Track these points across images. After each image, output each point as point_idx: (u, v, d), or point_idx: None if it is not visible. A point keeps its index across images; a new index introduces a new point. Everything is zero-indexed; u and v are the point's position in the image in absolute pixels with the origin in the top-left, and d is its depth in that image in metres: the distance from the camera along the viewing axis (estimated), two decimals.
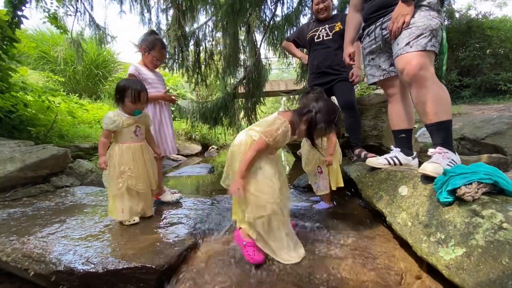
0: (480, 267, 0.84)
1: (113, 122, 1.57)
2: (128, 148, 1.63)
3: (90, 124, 4.70)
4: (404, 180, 1.40)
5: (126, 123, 1.62)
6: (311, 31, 2.61)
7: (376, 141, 2.61)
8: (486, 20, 7.63)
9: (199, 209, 1.87)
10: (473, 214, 0.96)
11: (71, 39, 5.03)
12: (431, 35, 1.41)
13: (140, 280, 1.14)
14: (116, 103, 1.65)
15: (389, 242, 1.32)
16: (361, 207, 1.84)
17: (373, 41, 1.73)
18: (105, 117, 1.59)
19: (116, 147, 1.62)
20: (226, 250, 1.32)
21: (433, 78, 1.40)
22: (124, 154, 1.61)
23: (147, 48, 2.00)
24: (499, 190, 1.01)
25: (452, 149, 1.38)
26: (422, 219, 1.13)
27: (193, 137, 7.76)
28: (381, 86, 1.86)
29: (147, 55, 2.02)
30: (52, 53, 6.81)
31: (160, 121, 2.06)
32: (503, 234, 0.85)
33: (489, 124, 2.82)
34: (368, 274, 1.10)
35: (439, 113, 1.37)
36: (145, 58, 2.03)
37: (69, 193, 2.34)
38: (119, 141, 1.63)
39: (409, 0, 1.43)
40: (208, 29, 5.21)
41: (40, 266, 1.21)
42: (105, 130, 1.59)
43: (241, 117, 5.56)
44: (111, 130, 1.59)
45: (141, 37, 2.07)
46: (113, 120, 1.57)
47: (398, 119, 1.75)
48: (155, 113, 2.02)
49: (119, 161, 1.59)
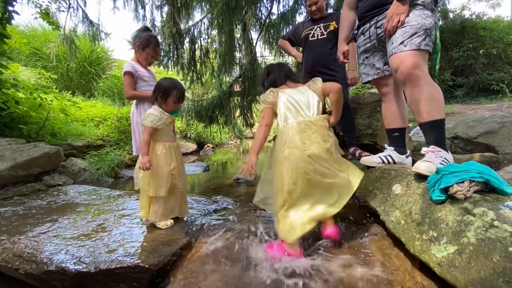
0: (471, 265, 0.85)
1: (159, 119, 1.52)
2: (170, 146, 1.60)
3: (84, 122, 4.64)
4: (398, 178, 1.41)
5: (168, 122, 1.59)
6: (306, 30, 2.61)
7: (371, 140, 2.62)
8: (480, 20, 7.72)
9: (194, 208, 1.86)
10: (465, 212, 0.97)
11: (63, 35, 4.94)
12: (425, 34, 1.42)
13: (133, 279, 1.13)
14: (156, 101, 1.60)
15: (383, 240, 1.33)
16: (355, 205, 1.85)
17: (367, 39, 1.73)
18: (149, 114, 1.52)
19: (160, 146, 1.56)
20: (221, 249, 1.32)
21: (427, 77, 1.41)
22: (168, 152, 1.57)
23: (142, 45, 1.96)
24: (491, 189, 1.02)
25: (445, 147, 1.39)
26: (415, 217, 1.14)
27: (188, 135, 7.72)
28: (375, 85, 1.87)
29: (141, 52, 1.98)
30: (44, 49, 6.68)
31: None
32: (494, 232, 0.86)
33: (481, 123, 2.86)
34: (362, 271, 1.11)
35: (433, 112, 1.38)
36: (139, 56, 1.99)
37: (61, 192, 2.31)
38: (160, 139, 1.58)
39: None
40: (204, 27, 5.16)
41: (31, 265, 1.19)
42: (149, 128, 1.50)
43: (237, 116, 5.54)
44: (157, 128, 1.53)
45: (134, 34, 2.03)
46: (159, 117, 1.53)
47: (392, 118, 1.76)
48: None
49: (166, 160, 1.55)
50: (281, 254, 1.22)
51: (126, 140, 4.57)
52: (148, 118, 1.51)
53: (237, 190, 2.61)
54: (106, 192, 2.31)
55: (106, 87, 7.12)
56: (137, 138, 1.90)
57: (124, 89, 1.89)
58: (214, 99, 4.95)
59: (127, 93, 1.90)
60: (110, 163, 3.61)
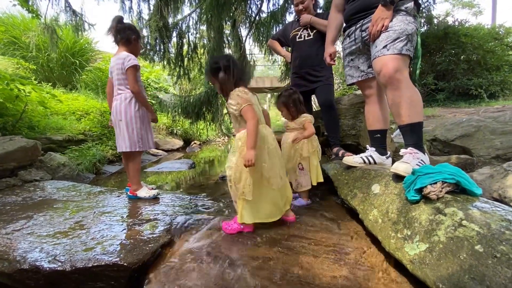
0: (440, 262, 0.89)
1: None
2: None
3: (64, 116, 4.47)
4: (377, 178, 1.45)
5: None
6: (293, 30, 2.64)
7: (354, 140, 2.68)
8: (462, 27, 8.01)
9: (177, 205, 1.85)
10: (436, 212, 1.02)
11: (44, 24, 4.72)
12: (407, 39, 1.47)
13: (111, 278, 1.11)
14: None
15: (361, 239, 1.37)
16: (337, 204, 1.89)
17: (353, 42, 1.77)
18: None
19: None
20: (202, 247, 1.31)
21: (407, 81, 1.46)
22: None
23: (137, 37, 1.99)
24: (461, 190, 1.07)
25: (422, 149, 1.44)
26: (391, 216, 1.18)
27: (175, 131, 7.61)
28: (359, 87, 1.91)
29: (136, 44, 2.01)
30: (23, 38, 6.37)
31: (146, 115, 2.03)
32: (462, 231, 0.90)
33: (458, 126, 2.97)
34: (340, 269, 1.14)
35: (412, 115, 1.43)
36: (134, 48, 1.99)
37: (38, 187, 2.23)
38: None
39: (388, 4, 1.47)
40: (192, 22, 5.09)
41: (3, 264, 1.15)
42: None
43: (225, 113, 5.51)
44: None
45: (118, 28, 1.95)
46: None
47: (374, 119, 1.81)
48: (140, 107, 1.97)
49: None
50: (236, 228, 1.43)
51: (109, 135, 4.45)
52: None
53: (222, 187, 2.61)
54: (86, 188, 2.25)
55: (90, 79, 6.89)
56: (131, 133, 1.90)
57: (132, 82, 1.89)
58: (201, 95, 4.91)
59: (133, 87, 1.90)
60: (92, 159, 3.51)
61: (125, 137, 1.90)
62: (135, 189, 1.97)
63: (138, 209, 1.77)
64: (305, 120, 1.85)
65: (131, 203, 1.87)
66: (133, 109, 1.92)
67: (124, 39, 1.95)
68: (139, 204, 1.85)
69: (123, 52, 1.92)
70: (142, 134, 1.96)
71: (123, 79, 1.91)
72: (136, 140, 1.93)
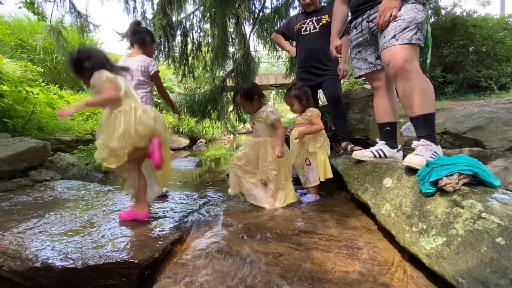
0: (459, 256, 0.86)
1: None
2: None
3: (72, 116, 4.53)
4: (389, 172, 1.42)
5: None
6: (298, 23, 2.59)
7: (363, 135, 2.64)
8: (470, 18, 7.81)
9: (185, 203, 1.84)
10: (453, 205, 0.98)
11: (50, 26, 4.78)
12: (416, 28, 1.42)
13: (122, 275, 1.11)
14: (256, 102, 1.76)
15: (373, 233, 1.34)
16: (346, 199, 1.86)
17: (360, 33, 1.73)
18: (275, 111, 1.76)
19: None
20: (212, 244, 1.31)
21: (418, 71, 1.42)
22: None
23: (152, 40, 2.09)
24: (479, 181, 1.03)
25: (435, 141, 1.40)
26: (405, 210, 1.15)
27: (181, 130, 7.64)
28: (367, 79, 1.87)
29: (151, 47, 2.11)
30: (30, 41, 6.46)
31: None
32: (481, 224, 0.87)
33: (470, 119, 2.90)
34: (353, 264, 1.12)
35: (423, 106, 1.39)
36: (149, 51, 2.08)
37: (48, 187, 2.26)
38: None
39: None
40: (196, 19, 5.08)
41: (15, 262, 1.15)
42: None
43: (230, 111, 5.50)
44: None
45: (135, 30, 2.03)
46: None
47: (383, 112, 1.77)
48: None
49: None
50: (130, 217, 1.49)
51: None
52: (276, 113, 1.73)
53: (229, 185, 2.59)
54: (95, 187, 2.27)
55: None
56: None
57: (160, 86, 2.13)
58: (206, 93, 4.90)
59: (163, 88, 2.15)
60: None
61: None
62: None
63: None
64: (311, 115, 1.82)
65: None
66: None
67: (139, 41, 2.01)
68: None
69: (141, 55, 1.99)
70: None
71: (143, 80, 1.98)
72: None
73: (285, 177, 1.79)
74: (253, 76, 5.14)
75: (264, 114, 1.73)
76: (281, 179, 1.77)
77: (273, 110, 1.76)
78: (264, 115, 1.73)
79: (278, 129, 1.74)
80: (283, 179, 1.78)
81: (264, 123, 1.75)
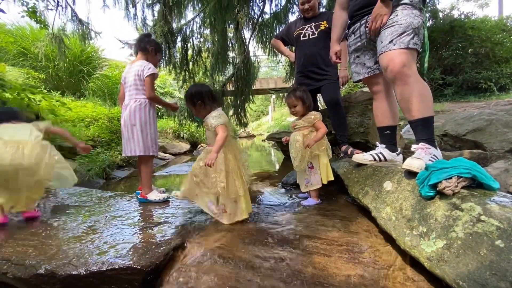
0: (459, 259, 0.87)
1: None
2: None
3: (74, 123, 4.56)
4: (389, 175, 1.43)
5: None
6: (297, 29, 2.63)
7: (363, 138, 2.65)
8: (468, 20, 7.87)
9: (186, 208, 1.85)
10: (453, 208, 0.99)
11: (52, 34, 4.83)
12: (413, 33, 1.44)
13: (125, 281, 1.12)
14: (206, 106, 1.65)
15: (374, 237, 1.34)
16: (347, 202, 1.86)
17: (358, 38, 1.75)
18: (221, 115, 1.62)
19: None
20: (214, 249, 1.31)
21: (416, 75, 1.44)
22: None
23: (155, 49, 2.09)
24: (478, 184, 1.05)
25: (434, 144, 1.41)
26: (406, 213, 1.16)
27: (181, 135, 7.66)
28: (366, 84, 1.89)
29: (154, 56, 2.10)
30: (32, 49, 6.54)
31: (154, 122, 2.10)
32: (481, 226, 0.88)
33: (469, 121, 2.92)
34: (354, 268, 1.12)
35: (422, 109, 1.40)
36: (152, 59, 2.08)
37: (50, 193, 2.26)
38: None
39: (387, 1, 1.45)
40: (196, 26, 5.14)
41: (19, 269, 1.16)
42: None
43: (230, 115, 5.53)
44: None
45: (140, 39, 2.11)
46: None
47: (383, 116, 1.79)
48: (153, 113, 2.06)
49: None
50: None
51: (117, 141, 4.51)
52: (222, 118, 1.59)
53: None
54: (97, 193, 2.28)
55: (97, 87, 7.01)
56: (145, 138, 1.97)
57: (149, 89, 1.99)
58: None
59: (150, 94, 1.99)
60: (101, 164, 3.56)
61: (140, 142, 1.95)
62: (146, 193, 1.99)
63: (149, 212, 1.78)
64: (314, 119, 1.81)
65: (141, 207, 1.89)
66: (148, 115, 1.99)
67: (142, 47, 2.05)
68: (149, 208, 1.87)
69: (141, 60, 2.01)
70: (155, 140, 2.05)
71: (140, 85, 1.98)
72: (150, 145, 1.99)
73: (238, 189, 1.56)
74: (253, 80, 5.18)
75: (209, 120, 1.60)
76: (232, 192, 1.55)
77: (218, 114, 1.60)
78: (209, 121, 1.60)
79: (219, 133, 1.54)
80: (236, 191, 1.55)
81: (211, 130, 1.60)
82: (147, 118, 1.98)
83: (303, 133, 1.83)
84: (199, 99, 1.61)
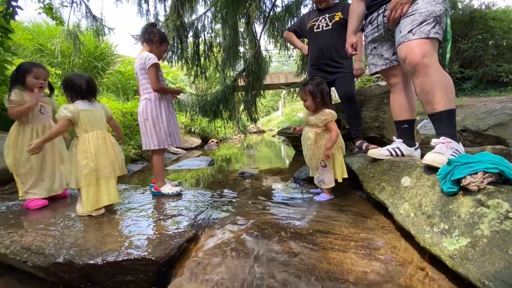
0: (485, 257, 0.83)
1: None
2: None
3: None
4: (407, 171, 1.38)
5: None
6: (311, 21, 2.56)
7: (378, 133, 2.58)
8: (489, 10, 7.51)
9: (199, 201, 1.86)
10: (478, 204, 0.95)
11: (67, 31, 4.94)
12: (434, 21, 1.38)
13: (140, 271, 1.13)
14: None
15: (391, 233, 1.31)
16: (362, 198, 1.82)
17: (375, 29, 1.69)
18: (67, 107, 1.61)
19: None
20: (227, 242, 1.31)
21: (437, 66, 1.37)
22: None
23: (160, 39, 2.02)
24: (505, 180, 0.99)
25: (455, 139, 1.35)
26: (425, 210, 1.12)
27: (193, 130, 7.73)
28: (383, 76, 1.82)
29: (159, 46, 2.03)
30: (49, 45, 6.70)
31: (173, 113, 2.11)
32: (509, 224, 0.83)
33: (491, 115, 2.79)
34: (371, 264, 1.09)
35: (444, 102, 1.34)
36: (156, 50, 2.02)
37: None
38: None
39: None
40: (207, 20, 5.12)
41: (39, 258, 1.20)
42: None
43: (241, 110, 5.51)
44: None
45: (147, 29, 2.04)
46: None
47: (401, 109, 1.73)
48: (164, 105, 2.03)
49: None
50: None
51: (131, 135, 4.58)
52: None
53: (242, 183, 2.60)
54: None
55: (111, 82, 7.13)
56: (158, 132, 1.97)
57: (154, 81, 1.93)
58: (218, 93, 4.93)
59: (156, 86, 1.93)
60: None
61: (153, 136, 1.97)
62: (159, 186, 2.01)
63: (162, 205, 1.80)
64: (327, 119, 1.73)
65: (155, 200, 1.91)
66: (158, 108, 1.98)
67: (146, 38, 2.00)
68: (163, 200, 1.89)
69: (144, 52, 1.96)
70: (170, 132, 2.03)
71: (146, 78, 1.95)
72: (164, 138, 2.00)
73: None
74: (264, 75, 5.13)
75: (61, 109, 1.62)
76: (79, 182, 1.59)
77: (67, 107, 1.60)
78: (60, 110, 1.61)
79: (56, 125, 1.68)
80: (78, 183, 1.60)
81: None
82: (158, 112, 1.97)
83: (315, 131, 1.77)
84: (67, 90, 1.67)
